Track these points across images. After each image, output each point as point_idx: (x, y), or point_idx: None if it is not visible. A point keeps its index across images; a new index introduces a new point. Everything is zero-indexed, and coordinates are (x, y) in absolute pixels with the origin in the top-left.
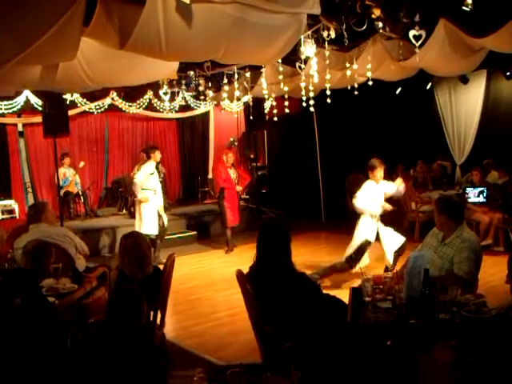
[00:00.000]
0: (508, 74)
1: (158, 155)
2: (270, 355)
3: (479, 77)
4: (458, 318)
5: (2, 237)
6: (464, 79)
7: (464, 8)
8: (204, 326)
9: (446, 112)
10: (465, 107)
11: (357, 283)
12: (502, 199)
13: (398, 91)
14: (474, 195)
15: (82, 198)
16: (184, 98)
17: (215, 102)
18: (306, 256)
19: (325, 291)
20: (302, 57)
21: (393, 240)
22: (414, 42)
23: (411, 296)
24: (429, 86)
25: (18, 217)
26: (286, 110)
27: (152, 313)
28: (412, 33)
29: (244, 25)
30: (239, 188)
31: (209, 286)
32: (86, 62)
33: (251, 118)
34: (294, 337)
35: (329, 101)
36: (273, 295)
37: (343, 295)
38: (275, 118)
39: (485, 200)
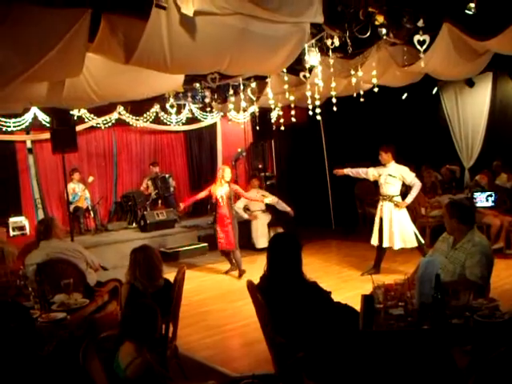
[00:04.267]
0: None
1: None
2: (283, 365)
3: (485, 79)
4: (471, 323)
5: (14, 253)
6: (470, 82)
7: (467, 11)
8: (216, 338)
9: (453, 116)
10: (471, 110)
11: (368, 290)
12: (510, 202)
13: (404, 96)
14: (481, 200)
15: (91, 212)
16: (191, 110)
17: (222, 113)
18: (318, 264)
19: (336, 299)
20: (307, 66)
21: None
22: (418, 47)
23: (423, 302)
24: (435, 91)
25: (28, 233)
26: (293, 119)
27: (164, 326)
28: (416, 38)
29: (247, 36)
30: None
31: (220, 298)
32: (91, 78)
33: (258, 128)
34: (306, 346)
35: (335, 109)
36: (284, 305)
37: (355, 302)
38: (282, 128)
39: (493, 204)
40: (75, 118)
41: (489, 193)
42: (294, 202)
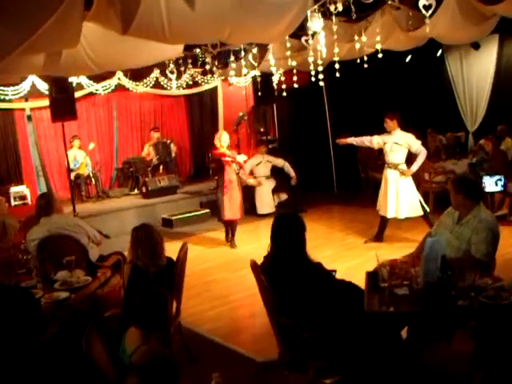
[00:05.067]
0: None
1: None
2: (287, 345)
3: (491, 42)
4: (476, 305)
5: (15, 226)
6: (475, 45)
7: None
8: (220, 310)
9: (458, 79)
10: (477, 73)
11: (371, 258)
12: None
13: (407, 59)
14: (490, 184)
15: (93, 179)
16: (191, 75)
17: (222, 78)
18: (321, 231)
19: (339, 267)
20: (310, 32)
21: None
22: (423, 11)
23: (428, 282)
24: (439, 53)
25: (30, 203)
26: (295, 85)
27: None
28: (422, 2)
29: (249, 3)
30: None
31: (223, 267)
32: (89, 47)
33: (260, 93)
34: (310, 327)
35: (338, 75)
36: (288, 286)
37: (358, 271)
38: (284, 94)
39: (502, 188)
40: (74, 84)
41: (498, 177)
42: (296, 166)
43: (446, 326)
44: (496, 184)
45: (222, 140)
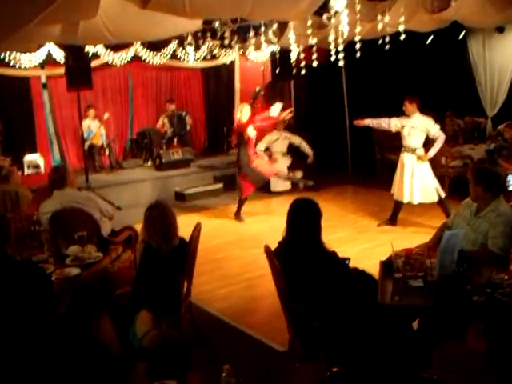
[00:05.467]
0: None
1: None
2: (298, 333)
3: None
4: (491, 301)
5: (28, 197)
6: (500, 29)
7: None
8: (231, 289)
9: (479, 62)
10: (500, 57)
11: (384, 242)
12: None
13: (428, 41)
14: None
15: (106, 150)
16: (209, 48)
17: (241, 51)
18: (334, 212)
19: (351, 251)
20: (332, 11)
21: None
22: None
23: (443, 275)
24: (462, 36)
25: (43, 172)
26: (314, 64)
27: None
28: None
29: None
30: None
31: (236, 244)
32: (107, 18)
33: (277, 69)
34: (322, 315)
35: (358, 55)
36: (301, 273)
37: (370, 255)
38: (303, 72)
39: None
40: (90, 54)
41: None
42: (311, 144)
43: (460, 322)
44: None
45: (244, 113)
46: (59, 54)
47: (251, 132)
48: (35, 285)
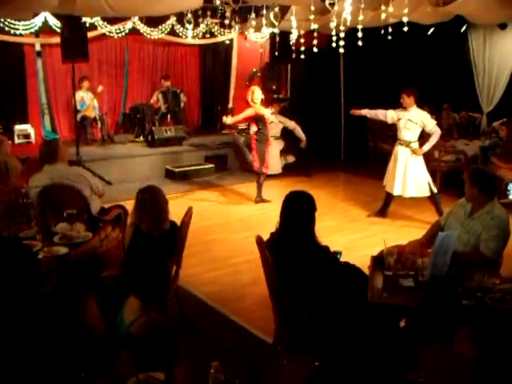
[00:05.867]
0: None
1: None
2: (285, 326)
3: None
4: (481, 306)
5: (17, 168)
6: (502, 25)
7: None
8: (219, 273)
9: (479, 57)
10: (499, 53)
11: (373, 233)
12: None
13: (430, 32)
14: None
15: (99, 122)
16: (208, 25)
17: (240, 31)
18: (324, 199)
19: (340, 241)
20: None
21: None
22: None
23: (435, 275)
24: (463, 29)
25: (34, 142)
26: (315, 50)
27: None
28: None
29: None
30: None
31: (225, 227)
32: None
33: (276, 53)
34: (311, 310)
35: (360, 43)
36: (293, 266)
37: (359, 246)
38: (302, 56)
39: None
40: (87, 24)
41: None
42: (305, 129)
43: (448, 325)
44: None
45: (255, 96)
46: (55, 23)
47: (267, 113)
48: (21, 263)
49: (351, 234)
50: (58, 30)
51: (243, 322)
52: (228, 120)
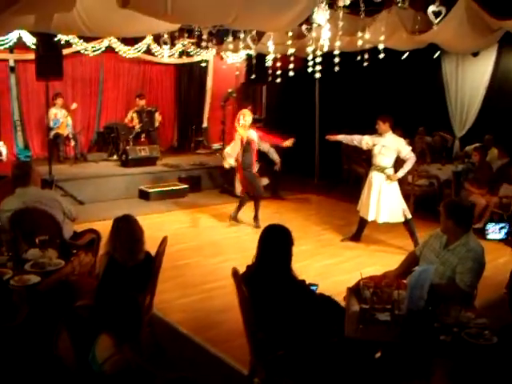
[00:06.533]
0: None
1: None
2: (262, 360)
3: (489, 51)
4: (458, 341)
5: None
6: (474, 52)
7: None
8: (192, 299)
9: (452, 82)
10: (471, 79)
11: (347, 258)
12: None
13: (404, 57)
14: (494, 231)
15: (72, 140)
16: (184, 45)
17: (217, 51)
18: (298, 223)
19: (314, 266)
20: (314, 25)
21: None
22: (432, 17)
23: (412, 310)
24: (437, 55)
25: (5, 159)
26: (291, 73)
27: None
28: (431, 8)
29: None
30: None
31: (198, 251)
32: (84, 12)
33: (253, 76)
34: (287, 344)
35: (336, 69)
36: (269, 300)
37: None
38: (278, 80)
39: (505, 236)
40: (63, 42)
41: (502, 224)
42: (279, 150)
43: (425, 361)
44: (499, 231)
45: (247, 119)
46: (30, 39)
47: (254, 135)
48: None
49: (325, 259)
50: (33, 47)
51: (217, 352)
52: (228, 163)
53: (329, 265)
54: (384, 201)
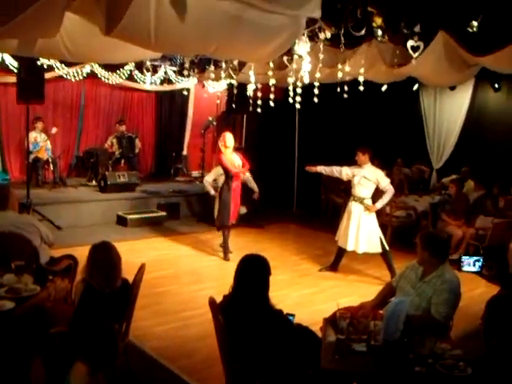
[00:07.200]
0: (496, 86)
1: None
2: None
3: (466, 85)
4: (432, 373)
5: None
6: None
7: (468, 29)
8: (167, 327)
9: (429, 114)
10: (449, 112)
11: (324, 288)
12: (497, 268)
13: (383, 88)
14: (469, 263)
15: (51, 165)
16: (166, 73)
17: (198, 80)
18: (275, 252)
19: (292, 296)
20: (295, 56)
21: None
22: (411, 52)
23: (387, 340)
24: (415, 87)
25: None
26: (271, 104)
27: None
28: (410, 43)
29: (240, 23)
30: (247, 175)
31: (175, 278)
32: (67, 37)
33: (233, 105)
34: (263, 375)
35: (316, 100)
36: (245, 330)
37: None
38: (259, 110)
39: (479, 269)
40: (45, 66)
41: (476, 258)
42: (258, 179)
43: None
44: (474, 264)
45: (227, 142)
46: (12, 62)
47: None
48: None
49: (303, 289)
50: (15, 70)
51: (193, 381)
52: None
53: (306, 294)
54: (363, 231)
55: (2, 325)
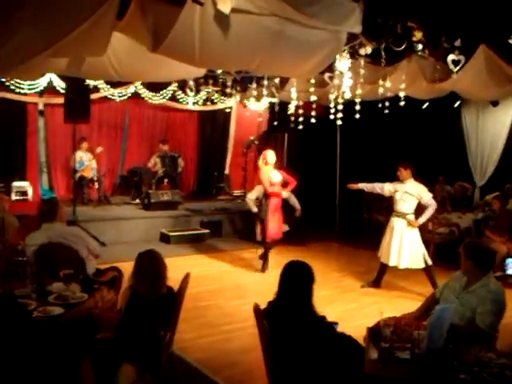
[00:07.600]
0: None
1: None
2: None
3: (509, 100)
4: (478, 381)
5: (14, 224)
6: (494, 102)
7: (510, 42)
8: (211, 339)
9: (472, 132)
10: (492, 129)
11: (367, 304)
12: None
13: (424, 106)
14: None
15: (96, 183)
16: (208, 93)
17: (240, 99)
18: (317, 269)
19: (334, 312)
20: (336, 72)
21: None
22: (452, 66)
23: (431, 348)
24: (457, 104)
25: (31, 199)
26: (313, 120)
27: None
28: (451, 57)
29: (282, 38)
30: (285, 194)
31: (219, 293)
32: (114, 56)
33: (275, 123)
34: (307, 381)
35: (357, 116)
36: (289, 337)
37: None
38: (300, 127)
39: None
40: (91, 86)
41: None
42: (300, 198)
43: None
44: None
45: (269, 159)
46: (60, 84)
47: (277, 176)
48: (16, 323)
49: (345, 305)
50: (62, 91)
51: None
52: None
53: (347, 310)
54: (405, 247)
55: (51, 329)
